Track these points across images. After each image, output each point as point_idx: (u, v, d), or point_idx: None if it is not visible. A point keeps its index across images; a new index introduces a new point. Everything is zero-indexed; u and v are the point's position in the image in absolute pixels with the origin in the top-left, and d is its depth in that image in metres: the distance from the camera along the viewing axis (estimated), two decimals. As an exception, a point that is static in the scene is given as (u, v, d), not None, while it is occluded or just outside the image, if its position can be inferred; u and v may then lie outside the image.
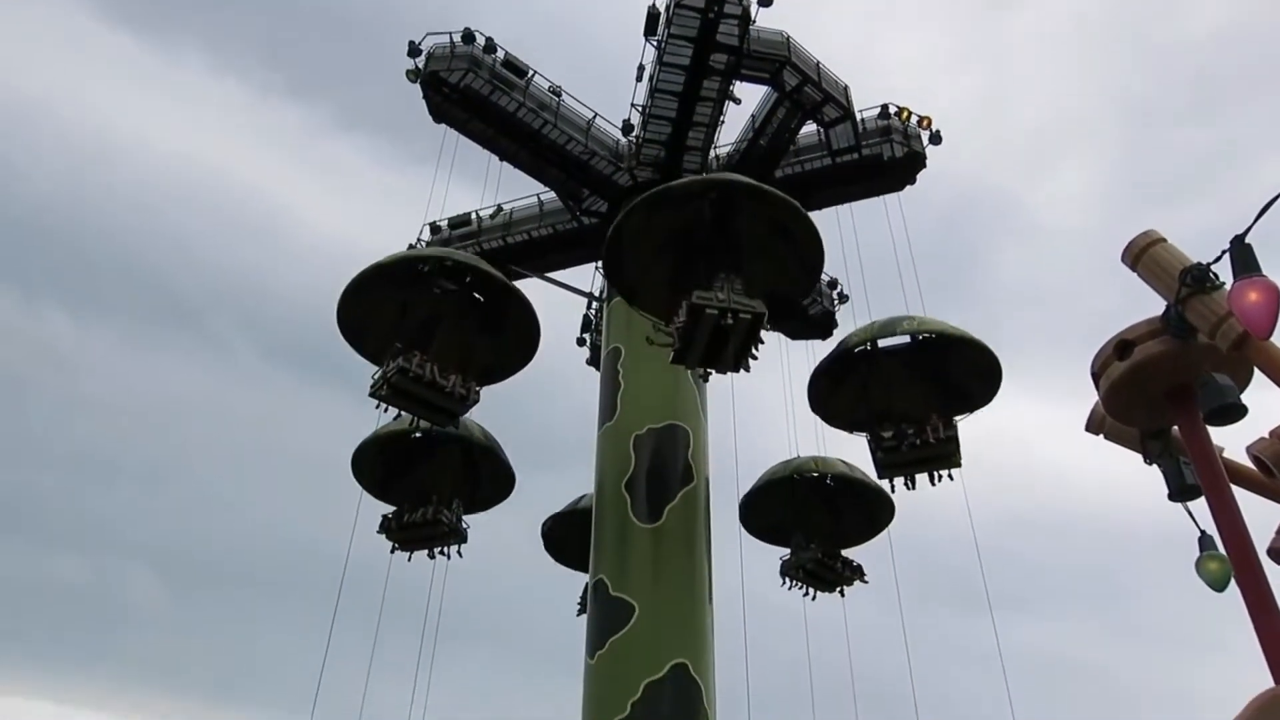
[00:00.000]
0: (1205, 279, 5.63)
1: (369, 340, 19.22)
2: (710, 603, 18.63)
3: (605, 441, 20.67)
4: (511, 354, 19.93)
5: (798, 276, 18.23)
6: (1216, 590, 6.49)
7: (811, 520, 22.24)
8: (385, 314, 19.09)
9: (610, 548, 18.99)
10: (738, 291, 16.34)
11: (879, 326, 19.94)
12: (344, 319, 18.79)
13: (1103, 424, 7.10)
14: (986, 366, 19.34)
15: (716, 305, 15.92)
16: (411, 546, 20.64)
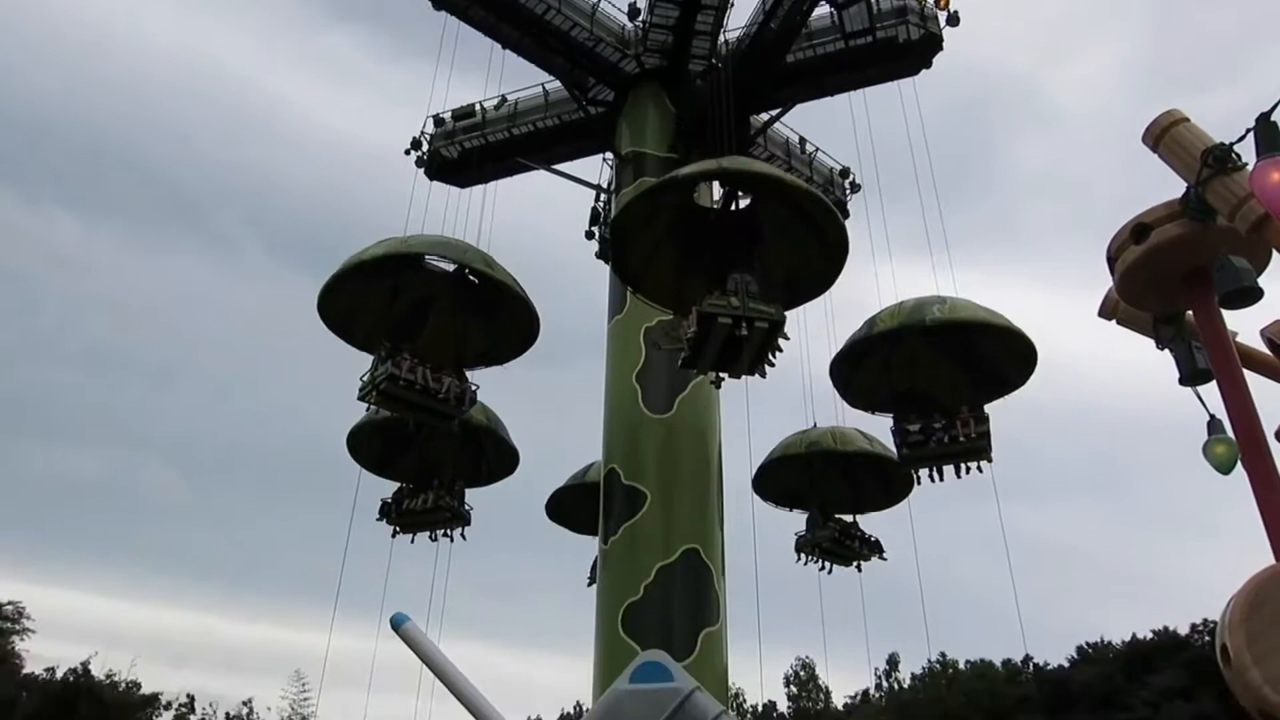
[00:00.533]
0: (1227, 159, 5.51)
1: (357, 327, 18.51)
2: (720, 489, 18.98)
3: (616, 334, 20.72)
4: (509, 338, 19.18)
5: (819, 265, 16.48)
6: (1222, 473, 6.56)
7: (827, 488, 21.89)
8: (373, 299, 18.25)
9: (622, 438, 19.25)
10: (753, 295, 14.83)
11: (908, 311, 18.30)
12: (326, 310, 17.93)
13: (1116, 309, 7.06)
14: (1021, 351, 18.34)
15: (730, 313, 14.49)
16: (413, 530, 20.47)
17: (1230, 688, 4.81)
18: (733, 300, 14.63)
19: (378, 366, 17.21)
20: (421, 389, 17.10)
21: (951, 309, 17.99)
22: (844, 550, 21.39)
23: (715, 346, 15.09)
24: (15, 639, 44.26)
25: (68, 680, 45.33)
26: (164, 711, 49.15)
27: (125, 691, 46.65)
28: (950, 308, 18.02)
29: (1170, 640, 53.70)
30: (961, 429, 18.28)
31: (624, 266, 16.99)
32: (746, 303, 14.64)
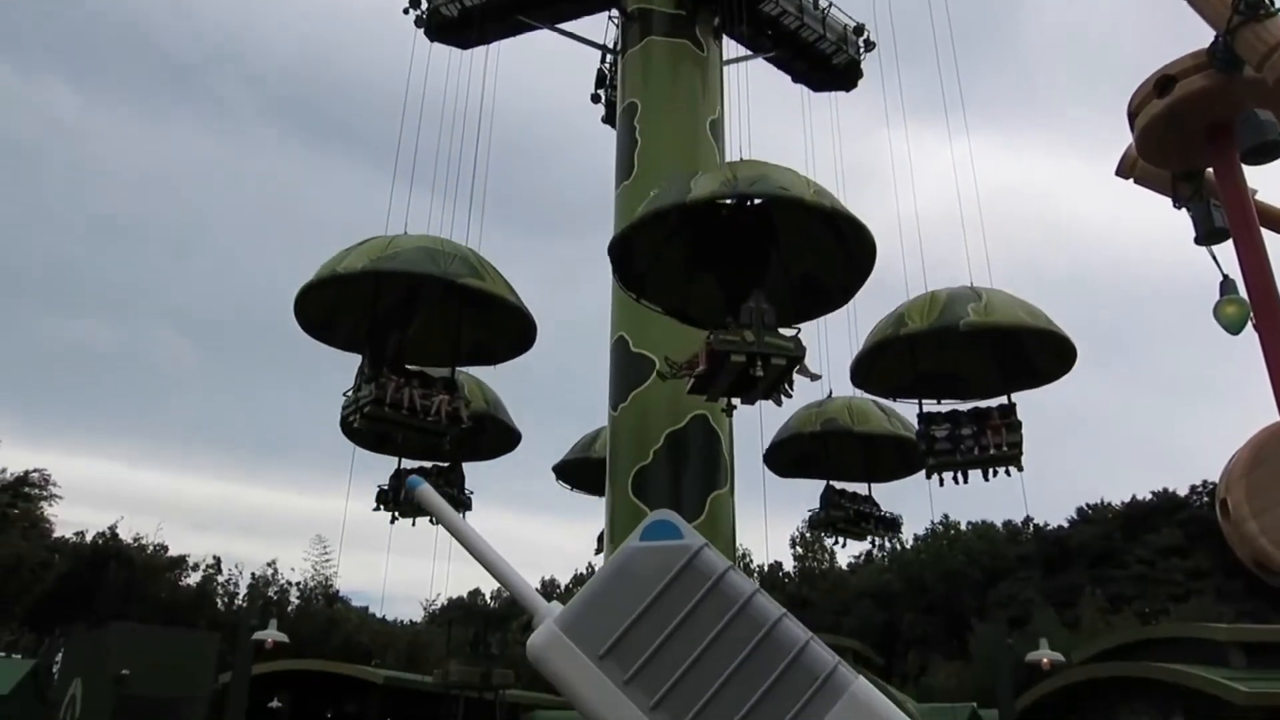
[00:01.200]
0: (1259, 6, 5.27)
1: (339, 323, 17.27)
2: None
3: (623, 200, 20.42)
4: (504, 333, 17.86)
5: (840, 272, 15.16)
6: (1232, 333, 6.52)
7: (843, 459, 21.30)
8: (357, 291, 16.64)
9: (630, 306, 19.23)
10: (770, 325, 13.57)
11: (940, 308, 16.66)
12: (306, 316, 16.65)
13: (1134, 166, 6.89)
14: (1060, 350, 17.22)
15: (744, 349, 13.17)
16: (413, 516, 19.80)
17: (1228, 541, 4.91)
18: (747, 335, 13.32)
19: (360, 386, 15.93)
20: (409, 410, 15.90)
21: (987, 309, 16.30)
22: (859, 530, 21.00)
23: (727, 380, 14.04)
24: (43, 505, 45.70)
25: (97, 543, 47.11)
26: (191, 572, 51.14)
27: (153, 554, 48.50)
28: (986, 307, 16.33)
29: (1169, 501, 54.95)
30: (992, 438, 17.06)
31: (626, 272, 15.63)
32: (762, 337, 13.33)
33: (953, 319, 16.28)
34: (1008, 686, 22.93)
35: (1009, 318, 16.33)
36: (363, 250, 15.60)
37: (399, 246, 15.61)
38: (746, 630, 9.14)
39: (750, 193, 13.32)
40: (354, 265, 15.21)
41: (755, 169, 13.57)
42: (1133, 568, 49.78)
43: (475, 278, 15.61)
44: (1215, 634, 25.47)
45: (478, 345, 18.05)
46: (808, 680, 8.52)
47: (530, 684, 34.25)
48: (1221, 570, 45.80)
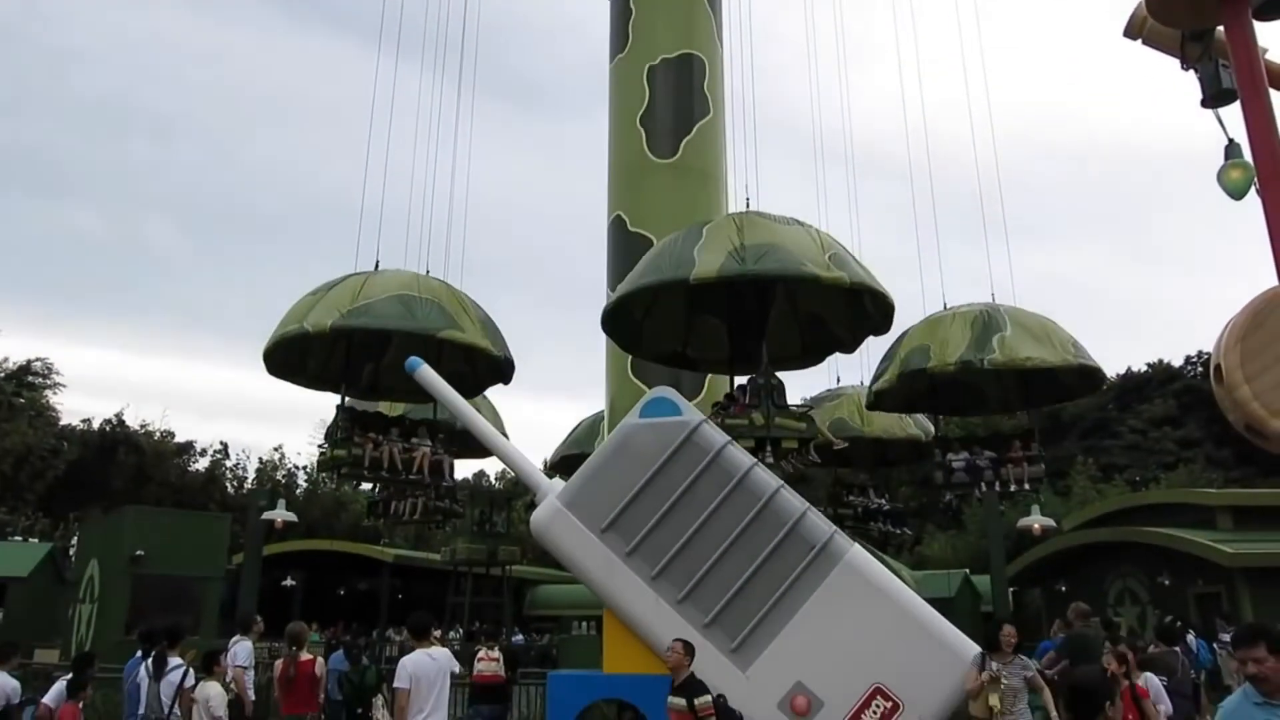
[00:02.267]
0: None
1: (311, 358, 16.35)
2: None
3: (617, 74, 19.90)
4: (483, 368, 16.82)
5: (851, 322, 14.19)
6: (1235, 198, 6.44)
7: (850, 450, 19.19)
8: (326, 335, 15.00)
9: (627, 184, 18.95)
10: (780, 403, 12.70)
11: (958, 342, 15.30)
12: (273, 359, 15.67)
13: (1143, 26, 6.66)
14: (1084, 375, 15.97)
15: (752, 434, 12.20)
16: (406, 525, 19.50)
17: (1220, 406, 4.95)
18: (755, 417, 12.43)
19: (336, 442, 15.21)
20: (389, 469, 15.33)
21: (1012, 346, 14.96)
22: (866, 529, 20.41)
23: None
24: (48, 393, 46.04)
25: (104, 430, 47.73)
26: (199, 457, 51.97)
27: (161, 440, 49.20)
28: (1010, 344, 14.98)
29: (1163, 372, 55.42)
30: (1012, 470, 16.35)
31: (620, 335, 14.73)
32: (772, 419, 12.42)
33: (975, 356, 15.10)
34: (1000, 553, 23.62)
35: (1035, 357, 15.05)
36: (331, 300, 14.49)
37: (370, 295, 14.43)
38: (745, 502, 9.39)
39: (759, 271, 11.86)
40: (322, 322, 14.10)
41: (763, 234, 12.25)
42: (1125, 437, 50.60)
43: (454, 329, 14.54)
44: (1205, 499, 26.07)
45: (454, 375, 16.79)
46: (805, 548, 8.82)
47: (536, 560, 35.30)
48: (1211, 439, 46.59)
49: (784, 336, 15.37)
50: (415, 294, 14.68)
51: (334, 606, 36.77)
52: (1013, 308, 16.17)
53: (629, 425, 8.30)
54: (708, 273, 11.87)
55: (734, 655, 7.59)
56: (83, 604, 21.87)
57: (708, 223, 13.34)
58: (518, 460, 9.09)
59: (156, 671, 8.87)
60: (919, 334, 16.10)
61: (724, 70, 20.12)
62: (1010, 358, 14.91)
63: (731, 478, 7.85)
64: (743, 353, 14.79)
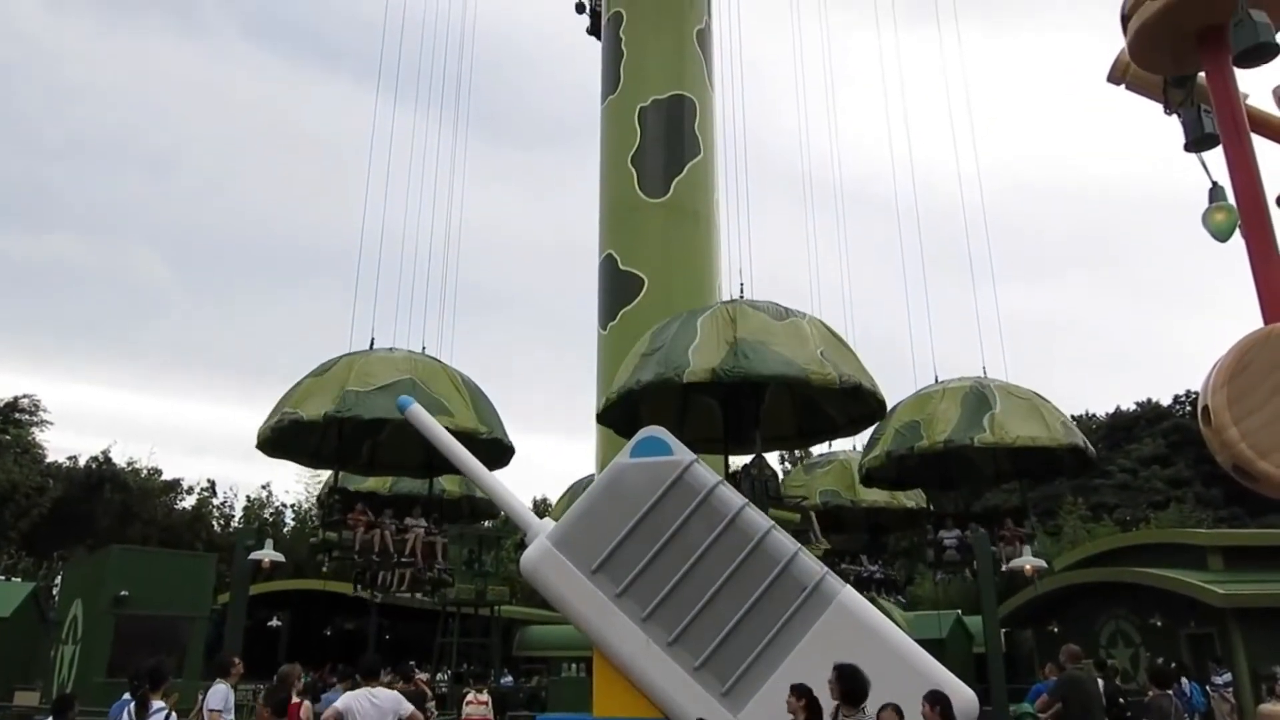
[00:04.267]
0: (1255, -95, 5.13)
1: (309, 437, 16.18)
2: (719, 274, 19.03)
3: (609, 114, 20.13)
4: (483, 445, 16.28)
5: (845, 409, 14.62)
6: (1220, 240, 6.51)
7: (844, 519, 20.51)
8: None
9: (618, 223, 19.10)
10: (774, 494, 13.02)
11: (955, 419, 15.28)
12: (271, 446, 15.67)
13: (1126, 71, 6.78)
14: (1075, 455, 16.15)
15: None
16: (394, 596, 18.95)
17: (1209, 447, 4.97)
18: None
19: (327, 525, 15.24)
20: (381, 553, 15.35)
21: (1002, 426, 14.97)
22: None
23: None
24: (34, 430, 45.69)
25: (91, 468, 47.29)
26: (186, 496, 51.53)
27: (147, 478, 48.77)
28: (1001, 423, 15.01)
29: (1152, 411, 55.59)
30: (1004, 549, 16.50)
31: (616, 424, 14.89)
32: (765, 510, 12.81)
33: (965, 436, 15.12)
34: (991, 593, 23.47)
35: (1024, 436, 15.07)
36: (325, 385, 14.63)
37: (364, 381, 14.54)
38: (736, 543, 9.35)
39: (748, 372, 12.13)
40: (316, 412, 14.25)
41: (755, 330, 12.51)
42: (1115, 477, 50.60)
43: (443, 414, 14.39)
44: (1195, 539, 26.03)
45: None
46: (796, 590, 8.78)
47: (525, 600, 34.98)
48: (1201, 478, 46.65)
49: (779, 417, 15.40)
50: (409, 378, 14.69)
51: (320, 647, 36.28)
52: (1003, 383, 16.13)
53: (620, 465, 8.27)
54: (701, 375, 12.19)
55: (725, 699, 7.48)
56: (65, 645, 21.53)
57: (702, 313, 13.53)
58: (508, 499, 9.03)
59: (139, 716, 8.72)
60: (909, 410, 16.07)
61: (715, 111, 20.37)
62: (1000, 437, 14.88)
63: (723, 518, 7.80)
64: (737, 434, 14.93)
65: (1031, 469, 17.63)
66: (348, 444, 16.56)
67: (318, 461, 17.01)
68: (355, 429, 16.15)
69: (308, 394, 14.72)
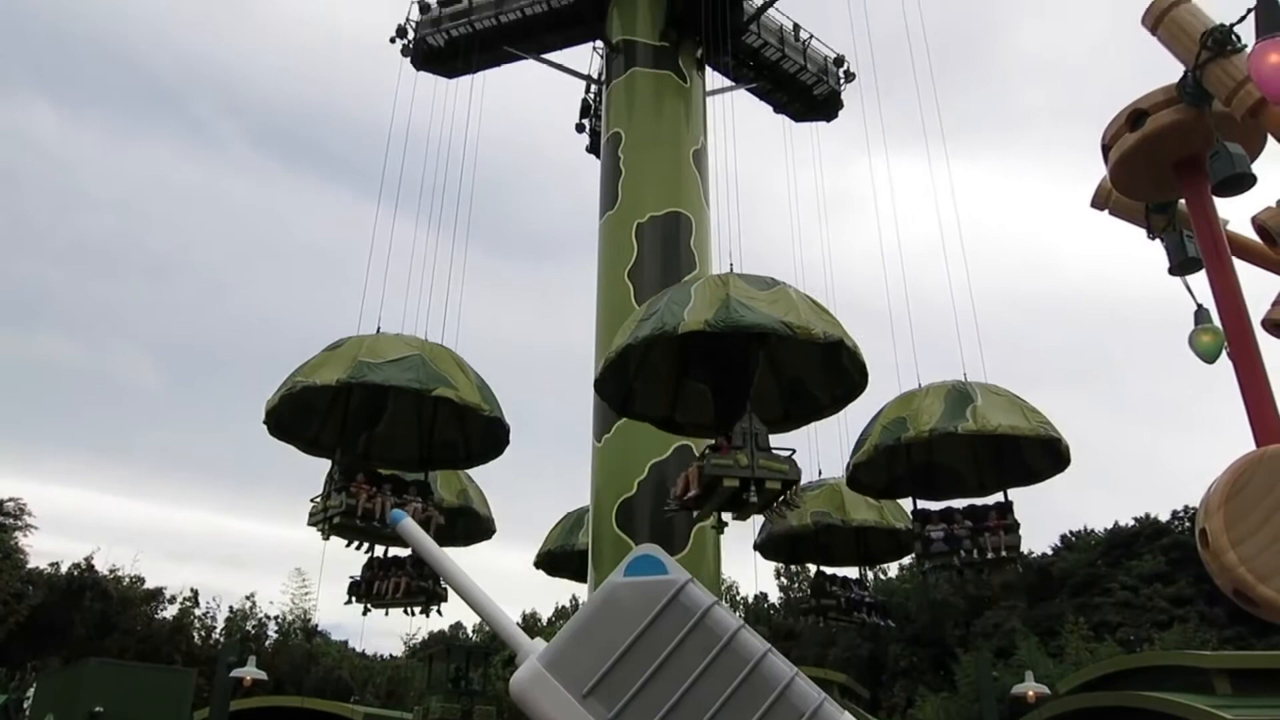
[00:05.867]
0: (1226, 42, 5.37)
1: (310, 423, 16.69)
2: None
3: (607, 230, 20.56)
4: (477, 437, 17.29)
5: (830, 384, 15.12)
6: (1207, 362, 6.60)
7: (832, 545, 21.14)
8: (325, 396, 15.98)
9: (614, 335, 19.27)
10: (764, 446, 13.38)
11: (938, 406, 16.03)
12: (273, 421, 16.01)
13: (1109, 198, 6.99)
14: (1056, 453, 16.62)
15: (737, 474, 12.94)
16: (385, 607, 19.18)
17: (1208, 570, 4.93)
18: (740, 458, 13.07)
19: (330, 494, 15.52)
20: (380, 522, 15.40)
21: (984, 415, 15.59)
22: (848, 619, 20.81)
23: (719, 502, 13.85)
24: (18, 535, 45.02)
25: (72, 575, 46.39)
26: (169, 605, 50.42)
27: (129, 586, 47.79)
28: (981, 414, 15.61)
29: (1151, 527, 55.11)
30: (990, 539, 16.79)
31: (611, 395, 15.46)
32: (756, 460, 13.06)
33: (949, 425, 15.65)
34: (994, 718, 22.86)
35: (1005, 424, 15.62)
36: (334, 357, 15.13)
37: (375, 355, 15.08)
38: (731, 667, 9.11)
39: (737, 321, 12.85)
40: (328, 379, 14.73)
41: (745, 292, 13.23)
42: (1116, 595, 49.82)
43: (447, 387, 14.96)
44: (1201, 661, 25.46)
45: (449, 445, 17.60)
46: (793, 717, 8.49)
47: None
48: (1204, 597, 45.92)
49: (766, 402, 15.43)
50: (418, 354, 15.25)
51: (299, 768, 34.89)
52: (984, 383, 16.69)
53: (613, 584, 8.11)
54: (694, 326, 12.86)
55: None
56: (34, 763, 20.74)
57: (695, 282, 14.45)
58: (498, 616, 8.81)
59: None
60: (894, 408, 16.74)
61: (710, 227, 20.83)
62: (982, 425, 15.43)
63: (718, 640, 7.60)
64: (726, 417, 14.97)
65: (1014, 475, 17.76)
66: (348, 432, 16.60)
67: (316, 449, 16.83)
68: (356, 416, 16.45)
69: (320, 365, 15.04)
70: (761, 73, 25.46)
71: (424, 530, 11.20)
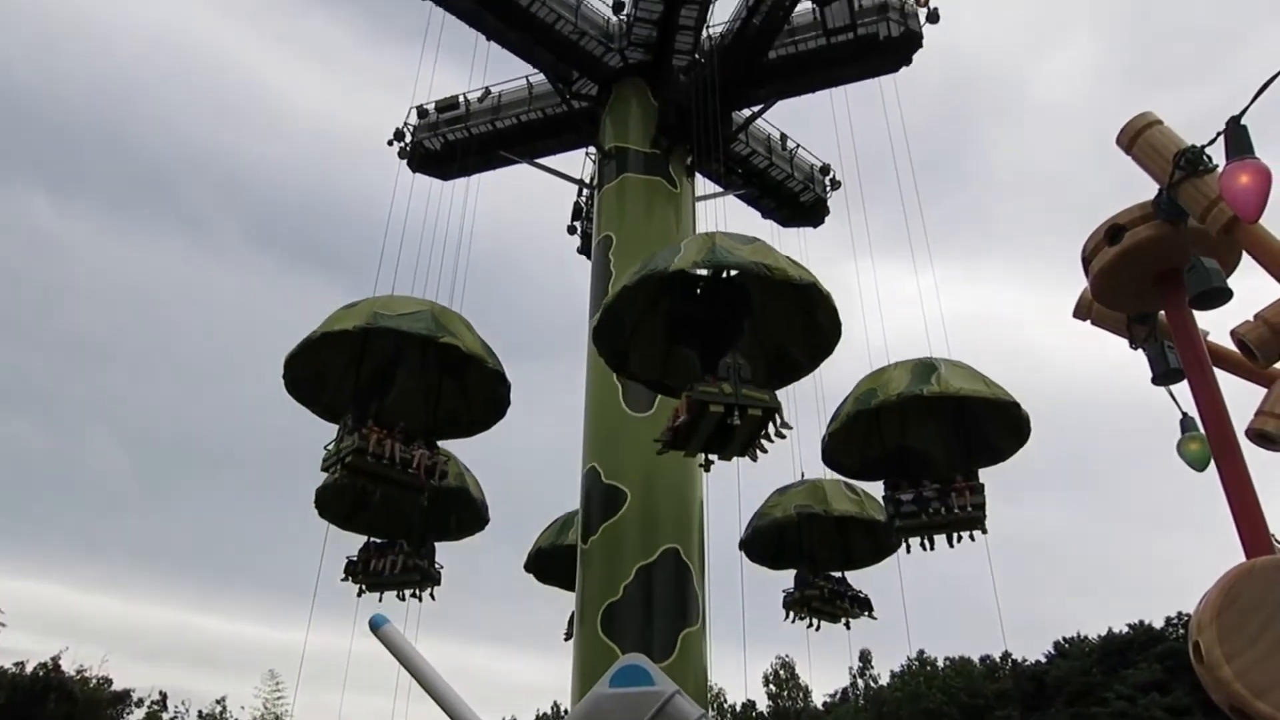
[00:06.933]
0: (1198, 162, 5.58)
1: (323, 391, 17.43)
2: (702, 488, 18.99)
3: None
4: (479, 401, 18.10)
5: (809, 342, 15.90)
6: (1196, 470, 6.64)
7: (815, 545, 21.55)
8: (339, 357, 17.03)
9: (603, 436, 19.22)
10: (745, 379, 14.28)
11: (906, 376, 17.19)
12: (291, 376, 16.78)
13: (1090, 309, 7.13)
14: (1014, 421, 17.57)
15: (722, 400, 13.86)
16: (380, 589, 19.64)
17: (1203, 684, 4.86)
18: (724, 387, 14.03)
19: (343, 438, 16.17)
20: (390, 462, 16.07)
21: (947, 382, 16.82)
22: (834, 610, 21.08)
23: (706, 432, 14.50)
24: (-13, 633, 43.73)
25: (37, 675, 44.92)
26: (135, 709, 48.78)
27: (96, 688, 46.27)
28: (945, 379, 16.87)
29: (1145, 634, 54.30)
30: (956, 499, 17.59)
31: (607, 346, 16.04)
32: (739, 389, 14.05)
33: (915, 389, 16.89)
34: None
35: (967, 388, 16.83)
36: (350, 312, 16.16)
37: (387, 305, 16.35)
38: (718, 778, 8.58)
39: (724, 262, 14.29)
40: (344, 324, 15.79)
41: (729, 243, 14.60)
42: (1113, 704, 48.74)
43: (453, 337, 16.04)
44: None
45: (453, 414, 18.30)
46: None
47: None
48: (1200, 706, 44.95)
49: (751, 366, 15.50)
50: (428, 309, 16.45)
51: None
52: (948, 358, 17.84)
53: (598, 694, 7.93)
54: (684, 265, 14.16)
55: None
56: None
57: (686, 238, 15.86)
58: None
59: None
60: (866, 381, 17.91)
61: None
62: (945, 388, 16.68)
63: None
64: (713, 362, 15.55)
65: (981, 456, 18.45)
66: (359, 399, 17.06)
67: (328, 414, 17.35)
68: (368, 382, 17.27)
69: (339, 318, 15.95)
70: (750, 179, 26.10)
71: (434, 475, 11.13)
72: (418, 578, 19.55)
